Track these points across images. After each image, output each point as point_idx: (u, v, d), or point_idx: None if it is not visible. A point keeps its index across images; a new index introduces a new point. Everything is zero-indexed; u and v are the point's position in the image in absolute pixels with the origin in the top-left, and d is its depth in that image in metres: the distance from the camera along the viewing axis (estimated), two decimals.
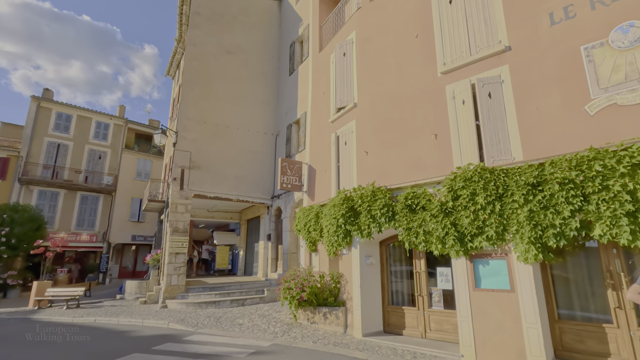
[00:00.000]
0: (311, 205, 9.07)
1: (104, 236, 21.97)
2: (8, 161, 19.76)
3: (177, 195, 11.52)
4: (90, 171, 22.14)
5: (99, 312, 11.09)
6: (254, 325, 8.20)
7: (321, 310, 7.86)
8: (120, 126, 23.84)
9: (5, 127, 23.95)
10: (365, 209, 7.02)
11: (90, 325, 9.24)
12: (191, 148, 12.09)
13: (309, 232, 8.98)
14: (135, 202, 23.66)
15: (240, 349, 6.35)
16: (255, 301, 10.54)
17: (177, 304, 10.35)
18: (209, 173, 12.27)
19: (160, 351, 6.31)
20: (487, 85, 5.98)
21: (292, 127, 12.73)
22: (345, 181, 8.24)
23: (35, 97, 20.83)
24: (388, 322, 7.32)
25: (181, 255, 11.11)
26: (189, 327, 8.25)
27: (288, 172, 9.91)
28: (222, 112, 13.03)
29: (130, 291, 14.41)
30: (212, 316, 9.26)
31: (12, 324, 10.13)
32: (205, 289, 11.07)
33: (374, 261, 7.56)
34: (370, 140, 7.81)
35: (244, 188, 12.89)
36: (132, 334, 7.92)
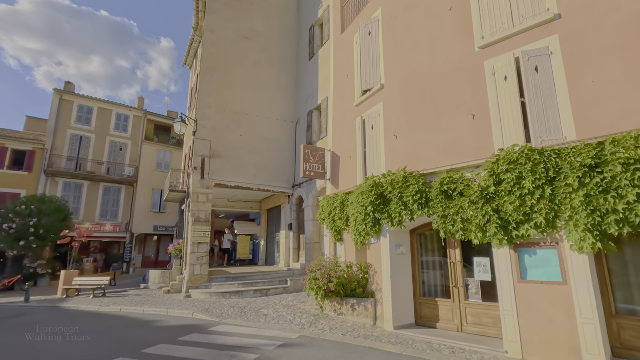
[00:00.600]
0: (336, 194, 8.74)
1: (127, 227, 22.34)
2: (34, 154, 20.20)
3: (198, 185, 11.38)
4: (112, 163, 22.45)
5: (125, 301, 11.17)
6: (279, 316, 8.01)
7: (349, 302, 7.58)
8: (139, 118, 24.00)
9: (30, 121, 24.51)
10: (396, 196, 6.63)
11: (116, 314, 9.27)
12: (211, 137, 11.90)
13: (334, 221, 8.67)
14: (156, 193, 23.93)
15: (268, 341, 6.14)
16: (278, 291, 10.37)
17: (201, 294, 10.28)
18: (229, 162, 12.08)
19: (187, 342, 6.18)
20: (533, 58, 5.43)
21: (313, 114, 12.35)
22: (373, 167, 7.85)
23: (58, 90, 21.13)
24: (420, 314, 6.98)
25: (204, 245, 11.02)
26: (213, 318, 8.13)
27: (311, 159, 9.58)
28: (241, 99, 12.76)
29: (154, 281, 14.54)
30: (237, 306, 9.14)
31: (42, 312, 10.31)
32: (228, 278, 10.97)
33: (405, 251, 7.19)
34: (400, 123, 7.37)
35: (265, 177, 12.66)
36: (157, 324, 7.86)
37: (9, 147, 19.67)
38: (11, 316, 9.75)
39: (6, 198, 18.83)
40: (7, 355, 5.66)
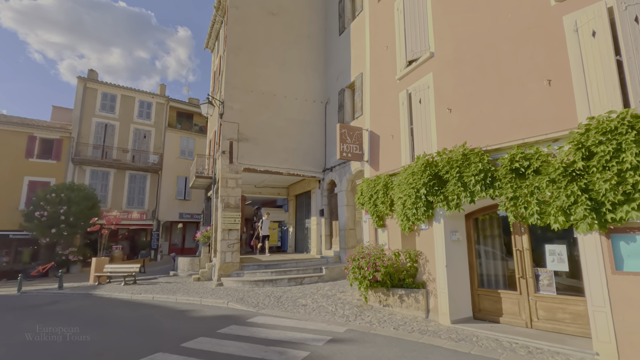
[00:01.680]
0: (377, 176, 8.05)
1: (153, 214, 22.41)
2: (61, 142, 20.32)
3: (227, 170, 10.92)
4: (137, 150, 22.42)
5: (156, 289, 10.97)
6: (319, 307, 7.51)
7: (396, 292, 6.97)
8: (162, 104, 23.80)
9: (56, 111, 24.69)
10: (454, 176, 5.89)
11: (148, 303, 9.02)
12: (238, 119, 11.35)
13: (375, 205, 8.02)
14: (180, 180, 23.85)
15: (315, 335, 5.63)
16: (313, 280, 9.88)
17: (233, 282, 9.92)
18: (257, 145, 11.54)
19: (227, 335, 5.74)
20: (632, 7, 4.50)
21: (345, 93, 11.59)
22: (422, 145, 7.10)
23: (82, 78, 21.08)
24: (479, 307, 6.30)
25: (234, 231, 10.61)
26: (249, 307, 7.71)
27: (347, 139, 8.89)
28: (269, 79, 12.12)
29: (182, 268, 14.38)
30: (272, 295, 8.70)
31: (75, 299, 10.23)
32: (260, 266, 10.56)
33: (460, 237, 6.48)
34: (454, 95, 6.55)
35: (294, 161, 12.07)
36: (193, 314, 7.51)
37: (38, 136, 19.84)
38: (46, 303, 9.68)
39: (37, 186, 19.08)
40: (46, 347, 5.37)
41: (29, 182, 19.23)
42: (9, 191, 18.69)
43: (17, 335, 6.10)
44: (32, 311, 8.63)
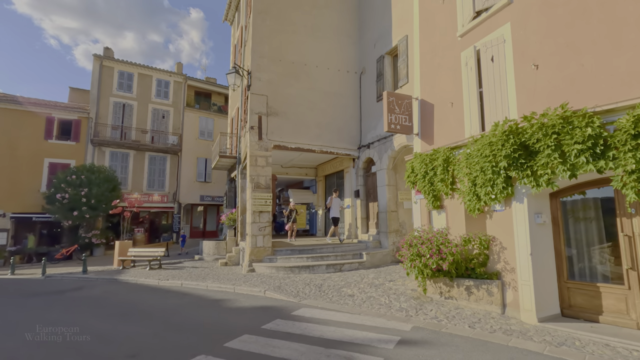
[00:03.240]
0: (435, 150, 6.98)
1: (174, 196, 21.93)
2: (80, 123, 19.80)
3: (256, 147, 10.01)
4: (156, 131, 21.78)
5: (183, 274, 10.35)
6: (369, 298, 6.64)
7: (462, 283, 6.02)
8: (180, 83, 22.95)
9: (73, 92, 24.14)
10: (548, 145, 4.78)
11: (178, 290, 8.36)
12: (267, 91, 10.35)
13: (432, 184, 6.99)
14: (200, 162, 23.22)
15: (378, 334, 4.77)
16: (354, 266, 9.03)
17: (266, 268, 9.16)
18: (288, 120, 10.55)
19: (274, 332, 4.93)
20: None
21: (384, 60, 10.39)
22: (495, 111, 5.98)
23: (98, 56, 20.34)
24: (569, 303, 5.29)
25: (265, 214, 9.79)
26: (290, 297, 6.91)
27: (396, 109, 7.80)
28: (299, 47, 11.00)
29: (208, 252, 13.79)
30: (311, 284, 7.89)
31: (100, 284, 9.69)
32: (294, 251, 9.76)
33: (546, 220, 5.43)
34: (542, 47, 5.37)
35: (327, 137, 11.06)
36: (228, 304, 6.76)
37: (56, 117, 19.35)
38: (70, 289, 9.17)
39: (57, 168, 18.71)
40: (73, 345, 4.68)
41: (49, 164, 18.87)
42: (30, 173, 18.38)
43: (42, 328, 5.45)
44: (56, 298, 8.09)
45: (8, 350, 4.55)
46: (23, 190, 18.06)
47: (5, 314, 6.56)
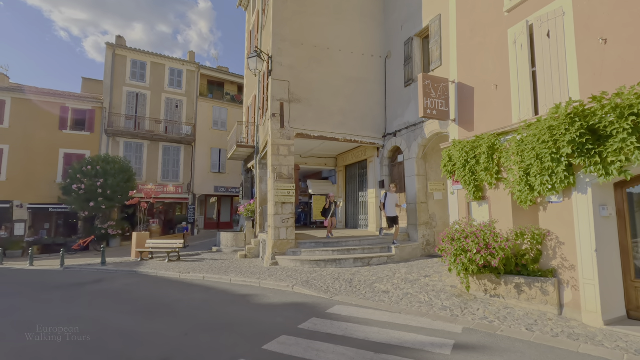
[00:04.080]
0: (478, 136, 6.45)
1: (189, 187, 21.73)
2: (94, 113, 19.61)
3: (278, 135, 9.57)
4: (169, 121, 21.50)
5: (203, 267, 10.07)
6: (405, 295, 6.22)
7: (510, 281, 5.55)
8: (193, 72, 22.55)
9: (86, 83, 23.97)
10: (624, 129, 4.23)
11: (201, 284, 8.06)
12: (288, 77, 9.86)
13: (473, 173, 6.49)
14: (214, 152, 22.94)
15: (428, 337, 4.35)
16: (382, 260, 8.61)
17: (290, 261, 8.81)
18: (310, 107, 10.07)
19: (313, 333, 4.55)
20: None
21: (413, 42, 9.79)
22: (551, 92, 5.42)
23: (110, 45, 20.02)
24: (636, 304, 4.79)
25: (288, 205, 9.40)
26: (320, 293, 6.53)
27: (432, 93, 7.25)
28: (321, 30, 10.45)
29: (226, 243, 13.52)
30: (340, 278, 7.50)
31: (120, 277, 9.47)
32: (318, 244, 9.37)
33: (612, 213, 4.90)
34: (612, 19, 4.77)
35: (351, 125, 10.56)
36: (257, 300, 6.41)
37: (70, 107, 19.16)
38: (90, 281, 8.96)
39: (72, 159, 18.60)
40: (99, 345, 4.37)
41: (64, 155, 18.77)
42: (45, 164, 18.31)
43: (67, 325, 5.17)
44: (77, 291, 7.86)
45: (31, 348, 4.26)
46: (39, 181, 18.01)
47: (29, 309, 6.33)
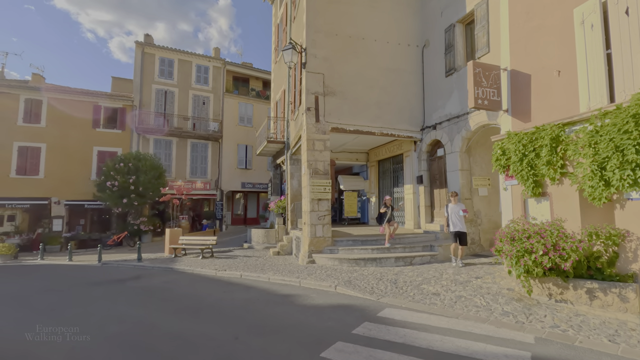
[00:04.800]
0: (537, 127, 5.95)
1: (216, 183, 21.86)
2: (124, 111, 19.95)
3: (313, 130, 9.29)
4: (197, 118, 21.64)
5: (238, 264, 9.97)
6: (458, 298, 5.83)
7: (581, 285, 5.06)
8: (219, 68, 22.58)
9: (115, 82, 24.46)
10: None
11: (239, 282, 7.92)
12: (323, 69, 9.54)
13: (532, 167, 6.00)
14: (241, 149, 22.97)
15: (498, 347, 3.97)
16: (425, 259, 8.22)
17: (327, 260, 8.55)
18: (345, 100, 9.72)
19: (371, 340, 4.25)
20: None
21: (455, 29, 9.24)
22: (630, 76, 4.86)
23: (140, 43, 20.27)
24: None
25: (324, 201, 9.13)
26: (365, 294, 6.23)
27: (483, 82, 6.76)
28: (356, 20, 10.05)
29: (257, 240, 13.44)
30: (383, 278, 7.18)
31: (157, 274, 9.49)
32: (356, 242, 9.08)
33: None
34: None
35: (388, 118, 10.14)
36: (300, 300, 6.19)
37: (102, 105, 19.57)
38: (129, 278, 9.01)
39: (105, 156, 19.01)
40: (149, 344, 4.24)
41: (97, 153, 19.22)
42: (81, 162, 18.81)
43: (117, 324, 5.11)
44: (118, 288, 7.89)
45: (83, 350, 4.17)
46: (75, 178, 18.53)
47: (76, 306, 6.35)
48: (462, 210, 7.74)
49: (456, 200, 7.86)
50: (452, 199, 7.87)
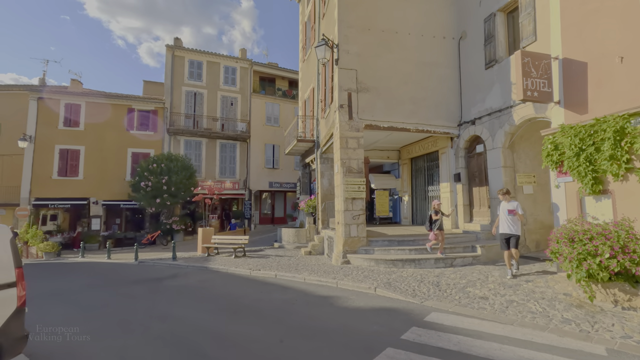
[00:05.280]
0: (597, 119, 5.49)
1: (245, 183, 22.07)
2: (156, 113, 20.49)
3: (346, 127, 9.09)
4: (225, 118, 21.93)
5: (271, 263, 9.92)
6: (509, 303, 5.46)
7: None
8: (246, 69, 22.79)
9: (147, 85, 25.17)
10: None
11: (274, 282, 7.84)
12: (356, 65, 9.32)
13: (590, 162, 5.55)
14: (268, 148, 23.10)
15: (565, 359, 3.63)
16: (467, 261, 7.85)
17: (363, 260, 8.34)
18: (379, 96, 9.46)
19: (423, 347, 4.01)
20: None
21: (496, 18, 8.77)
22: None
23: (170, 46, 20.75)
24: None
25: (359, 200, 8.91)
26: (407, 297, 5.97)
27: (532, 72, 6.33)
28: (388, 13, 9.76)
29: (287, 239, 13.39)
30: (424, 280, 6.89)
31: (193, 273, 9.59)
32: (392, 242, 8.80)
33: None
34: None
35: (423, 114, 9.79)
36: (340, 303, 6.01)
37: (135, 108, 20.18)
38: (166, 277, 9.15)
39: (139, 158, 19.59)
40: (195, 347, 4.19)
41: (132, 154, 19.83)
42: (117, 163, 19.48)
43: (158, 322, 5.13)
44: (156, 286, 8.02)
45: (131, 348, 4.17)
46: (111, 179, 19.20)
47: (120, 305, 6.47)
48: (507, 210, 6.56)
49: (507, 198, 6.67)
50: (501, 197, 6.77)
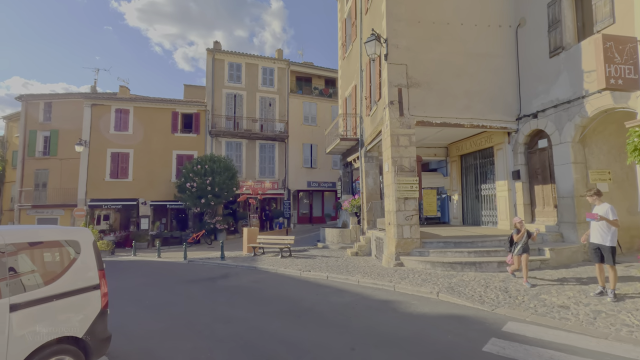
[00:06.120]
0: None
1: (284, 183, 22.22)
2: (198, 116, 21.08)
3: (397, 124, 8.76)
4: (264, 119, 22.18)
5: (320, 264, 9.80)
6: (597, 313, 4.92)
7: None
8: (283, 69, 22.92)
9: (187, 89, 25.98)
10: None
11: (328, 284, 7.69)
12: (405, 59, 8.96)
13: None
14: (306, 148, 23.12)
15: None
16: (535, 265, 7.28)
17: (417, 263, 7.99)
18: (431, 91, 9.05)
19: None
20: None
21: (562, 1, 8.07)
22: None
23: (210, 50, 21.25)
24: None
25: (411, 200, 8.56)
26: (476, 304, 5.59)
27: (616, 57, 5.71)
28: (439, 4, 9.32)
29: (331, 239, 13.25)
30: (490, 285, 6.45)
31: (243, 273, 9.67)
32: (447, 244, 8.38)
33: None
34: None
35: (478, 108, 9.25)
36: (403, 308, 5.74)
37: (179, 112, 20.88)
38: (218, 276, 9.29)
39: (183, 159, 20.25)
40: (270, 353, 4.11)
41: (176, 156, 20.55)
42: (162, 165, 20.25)
43: (223, 324, 5.13)
44: (211, 286, 8.14)
45: (203, 352, 4.15)
46: (158, 180, 20.00)
47: (183, 305, 6.59)
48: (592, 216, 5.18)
49: (598, 200, 5.38)
50: (589, 199, 5.52)
